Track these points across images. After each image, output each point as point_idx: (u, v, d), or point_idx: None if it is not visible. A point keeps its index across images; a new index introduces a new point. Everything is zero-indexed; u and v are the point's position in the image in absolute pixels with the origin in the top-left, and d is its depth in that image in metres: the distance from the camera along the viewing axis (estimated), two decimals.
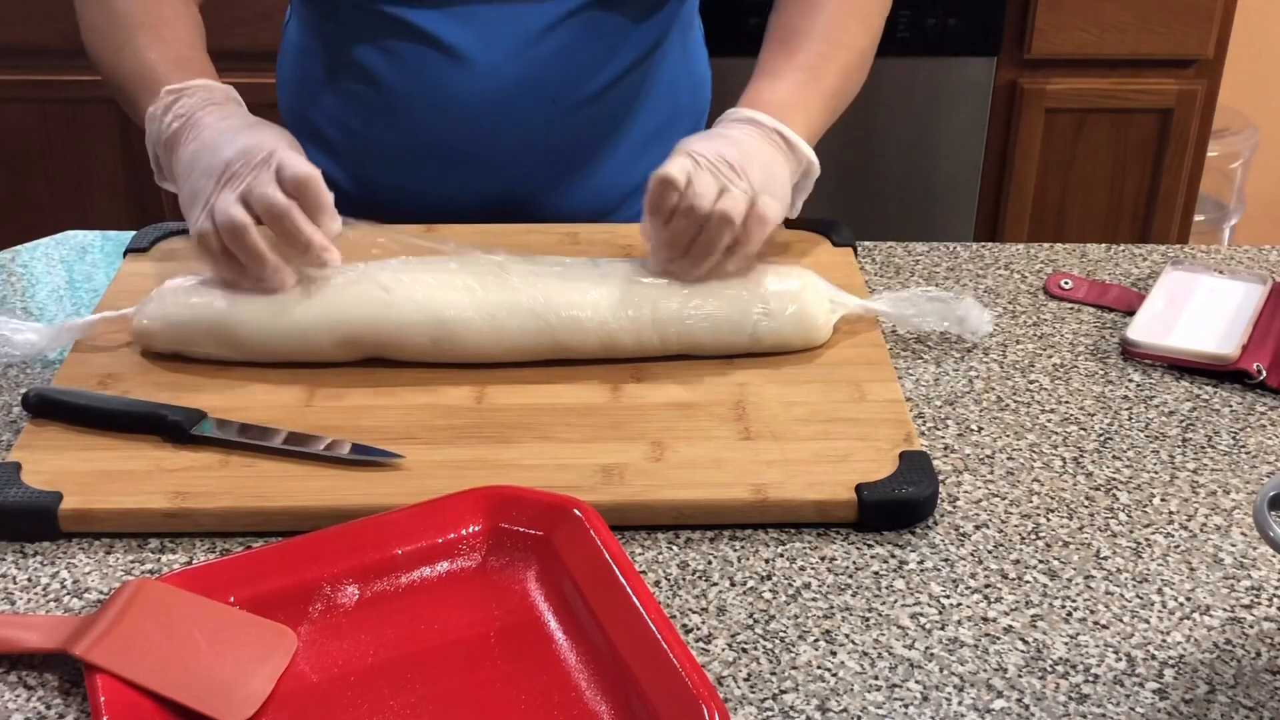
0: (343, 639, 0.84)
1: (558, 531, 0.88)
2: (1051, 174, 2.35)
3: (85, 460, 0.97)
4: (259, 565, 0.87)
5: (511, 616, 0.85)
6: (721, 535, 0.94)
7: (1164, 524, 0.96)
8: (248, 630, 0.83)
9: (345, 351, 1.07)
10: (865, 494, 0.94)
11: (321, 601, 0.86)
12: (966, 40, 2.22)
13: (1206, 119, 2.34)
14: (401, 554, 0.88)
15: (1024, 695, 0.82)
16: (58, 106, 2.27)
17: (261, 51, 2.21)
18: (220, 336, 1.06)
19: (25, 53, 2.22)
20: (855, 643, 0.85)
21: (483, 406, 1.03)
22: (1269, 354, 1.12)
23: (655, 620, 0.80)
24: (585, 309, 1.07)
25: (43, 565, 0.91)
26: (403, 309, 1.06)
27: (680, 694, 0.76)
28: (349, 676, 0.81)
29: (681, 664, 0.77)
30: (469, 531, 0.90)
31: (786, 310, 1.08)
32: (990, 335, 1.15)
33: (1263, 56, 2.86)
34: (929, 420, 1.06)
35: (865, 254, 1.27)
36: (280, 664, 0.81)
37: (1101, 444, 1.03)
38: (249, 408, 1.02)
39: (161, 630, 0.81)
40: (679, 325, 1.07)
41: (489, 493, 0.91)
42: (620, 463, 0.97)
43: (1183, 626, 0.87)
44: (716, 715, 0.74)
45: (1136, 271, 1.26)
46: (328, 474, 0.96)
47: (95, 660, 0.79)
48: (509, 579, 0.88)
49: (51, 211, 2.39)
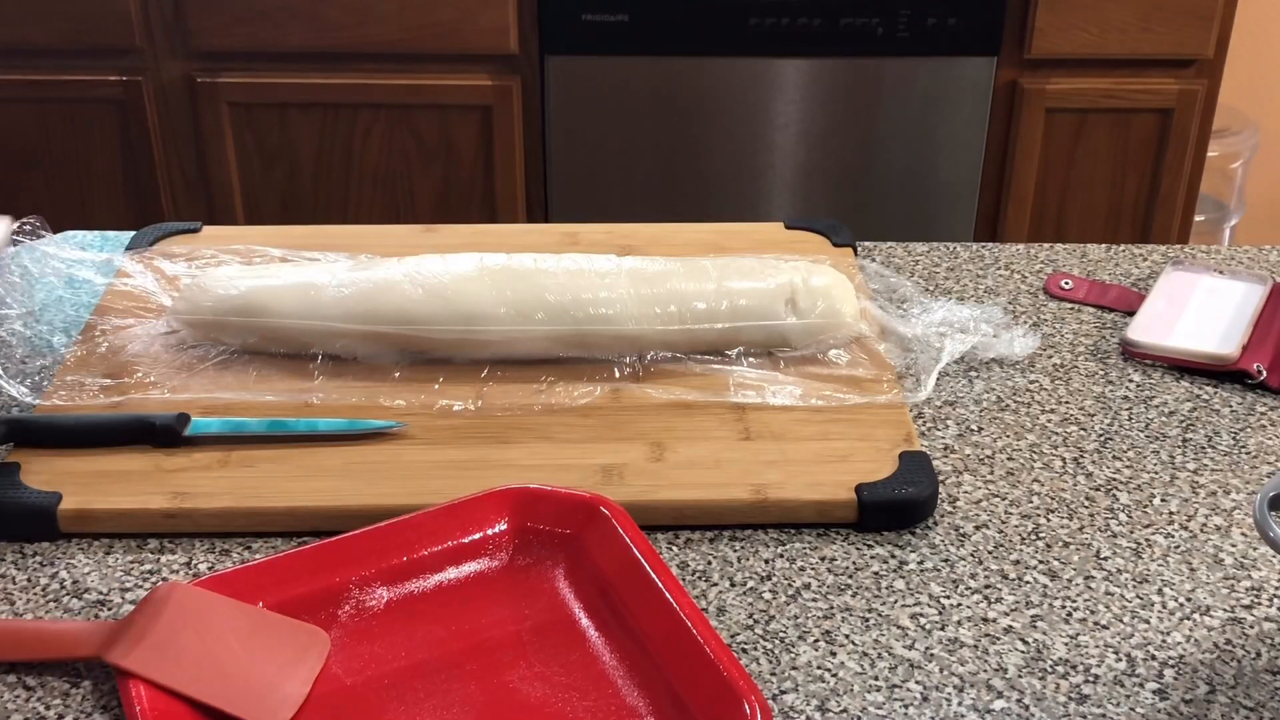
0: (374, 641, 0.84)
1: (586, 529, 0.88)
2: (1051, 174, 2.34)
3: (85, 461, 0.97)
4: (287, 569, 0.86)
5: (542, 615, 0.85)
6: (721, 535, 0.94)
7: (1164, 524, 0.96)
8: (281, 633, 0.83)
9: (372, 344, 1.07)
10: (865, 494, 0.94)
11: (351, 604, 0.86)
12: (966, 40, 2.22)
13: (1207, 119, 2.33)
14: (429, 555, 0.89)
15: (1024, 695, 0.82)
16: (58, 106, 2.26)
17: (261, 51, 2.22)
18: (251, 326, 1.07)
19: (25, 53, 2.22)
20: (855, 643, 0.85)
21: (483, 406, 1.03)
22: (1269, 354, 1.12)
23: (690, 616, 0.80)
24: (613, 306, 1.07)
25: (42, 566, 0.91)
26: (430, 304, 1.06)
27: (720, 689, 0.76)
28: (383, 678, 0.81)
29: (719, 659, 0.77)
30: (495, 531, 0.90)
31: (816, 308, 1.08)
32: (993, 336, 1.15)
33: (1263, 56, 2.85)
34: (929, 420, 1.06)
35: (865, 254, 1.27)
36: (315, 666, 0.81)
37: (1101, 444, 1.03)
38: (248, 408, 1.02)
39: (195, 635, 0.81)
40: (707, 323, 1.07)
41: (514, 493, 0.91)
42: (620, 463, 0.97)
43: (1183, 627, 0.87)
44: (759, 710, 0.74)
45: (1136, 271, 1.26)
46: (328, 474, 0.96)
47: (131, 667, 0.78)
48: (538, 578, 0.88)
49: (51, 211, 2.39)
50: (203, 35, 2.20)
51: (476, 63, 2.22)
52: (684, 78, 2.23)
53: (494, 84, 2.22)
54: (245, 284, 1.09)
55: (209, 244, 1.21)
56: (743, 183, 2.32)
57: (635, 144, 2.29)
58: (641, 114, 2.27)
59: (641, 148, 2.30)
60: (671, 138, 2.29)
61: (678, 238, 1.26)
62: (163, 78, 2.24)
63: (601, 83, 2.24)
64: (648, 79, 2.24)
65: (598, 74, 2.23)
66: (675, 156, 2.30)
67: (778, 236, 1.25)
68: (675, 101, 2.26)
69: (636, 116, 2.27)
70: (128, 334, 1.10)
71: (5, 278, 1.17)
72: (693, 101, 2.25)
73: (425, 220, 2.11)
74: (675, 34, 2.20)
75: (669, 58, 2.22)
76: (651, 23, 2.19)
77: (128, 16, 2.17)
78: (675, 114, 2.27)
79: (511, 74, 2.22)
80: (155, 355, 1.08)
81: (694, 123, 2.27)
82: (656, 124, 2.28)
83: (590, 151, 2.29)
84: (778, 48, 2.20)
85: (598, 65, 2.22)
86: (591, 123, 2.27)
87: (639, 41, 2.20)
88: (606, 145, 2.29)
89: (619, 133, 2.28)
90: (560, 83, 2.23)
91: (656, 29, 2.19)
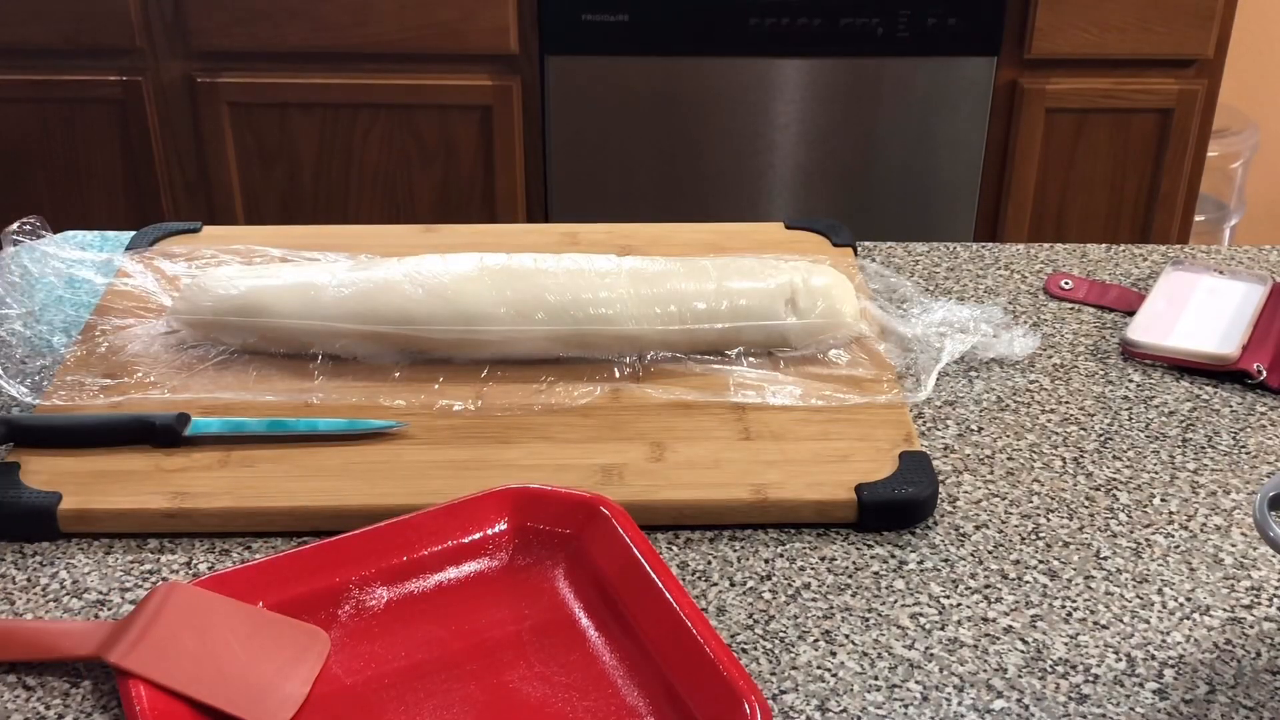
0: (374, 641, 0.84)
1: (586, 529, 0.88)
2: (1051, 174, 2.34)
3: (84, 460, 0.97)
4: (287, 569, 0.86)
5: (542, 615, 0.85)
6: (721, 535, 0.94)
7: (1164, 524, 0.96)
8: (281, 632, 0.83)
9: (372, 344, 1.07)
10: (865, 494, 0.94)
11: (351, 604, 0.86)
12: (966, 40, 2.22)
13: (1207, 119, 2.33)
14: (429, 555, 0.89)
15: (1024, 695, 0.82)
16: (58, 106, 2.26)
17: (261, 51, 2.22)
18: (251, 326, 1.07)
19: (25, 53, 2.22)
20: (855, 643, 0.85)
21: (483, 406, 1.03)
22: (1269, 354, 1.12)
23: (690, 616, 0.80)
24: (613, 306, 1.07)
25: (42, 566, 0.91)
26: (430, 304, 1.06)
27: (720, 689, 0.76)
28: (383, 678, 0.81)
29: (719, 659, 0.77)
30: (495, 531, 0.90)
31: (816, 308, 1.08)
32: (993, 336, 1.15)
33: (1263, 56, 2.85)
34: (929, 420, 1.05)
35: (865, 254, 1.27)
36: (315, 666, 0.81)
37: (1101, 444, 1.03)
38: (248, 408, 1.02)
39: (195, 635, 0.81)
40: (707, 323, 1.07)
41: (514, 493, 0.91)
42: (620, 463, 0.97)
43: (1183, 627, 0.87)
44: (759, 710, 0.74)
45: (1136, 271, 1.26)
46: (328, 474, 0.96)
47: (130, 667, 0.78)
48: (538, 578, 0.88)
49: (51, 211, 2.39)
50: (203, 35, 2.20)
51: (476, 63, 2.22)
52: (684, 78, 2.23)
53: (494, 84, 2.22)
54: (245, 284, 1.10)
55: (209, 244, 1.21)
56: (743, 183, 2.32)
57: (635, 144, 2.29)
58: (641, 114, 2.27)
59: (641, 148, 2.30)
60: (671, 138, 2.29)
61: (678, 238, 1.26)
62: (163, 78, 2.24)
63: (601, 83, 2.24)
64: (648, 79, 2.24)
65: (598, 74, 2.23)
66: (675, 156, 2.30)
67: (778, 236, 1.25)
68: (675, 101, 2.26)
69: (636, 116, 2.27)
70: (128, 334, 1.10)
71: (5, 278, 1.17)
72: (693, 101, 2.25)
73: (425, 220, 2.11)
74: (675, 34, 2.20)
75: (669, 58, 2.22)
76: (651, 23, 2.19)
77: (128, 16, 2.17)
78: (675, 114, 2.27)
79: (511, 74, 2.22)
80: (155, 355, 1.09)
81: (694, 123, 2.27)
82: (656, 124, 2.28)
83: (590, 151, 2.29)
84: (778, 48, 2.20)
85: (598, 65, 2.22)
86: (591, 123, 2.27)
87: (639, 41, 2.20)
88: (606, 145, 2.29)
89: (619, 133, 2.28)
90: (560, 83, 2.23)
91: (656, 29, 2.19)
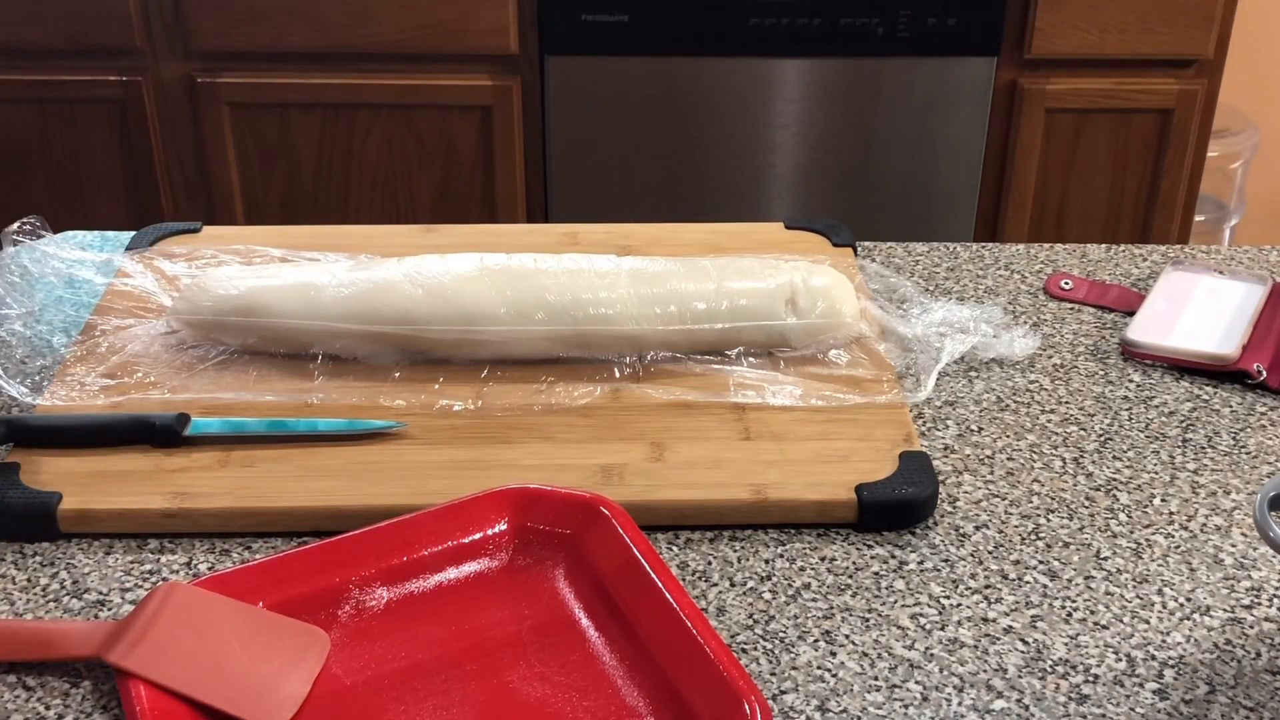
0: (374, 641, 0.84)
1: (586, 529, 0.88)
2: (1051, 174, 2.34)
3: (84, 461, 0.97)
4: (287, 569, 0.86)
5: (542, 615, 0.85)
6: (721, 536, 0.94)
7: (1164, 524, 0.96)
8: (281, 633, 0.83)
9: (372, 344, 1.07)
10: (865, 494, 0.94)
11: (351, 604, 0.86)
12: (966, 40, 2.22)
13: (1206, 119, 2.33)
14: (429, 555, 0.88)
15: (1024, 695, 0.82)
16: (58, 106, 2.26)
17: (261, 52, 2.22)
18: (251, 326, 1.07)
19: (25, 53, 2.22)
20: (855, 643, 0.85)
21: (483, 406, 1.03)
22: (1269, 354, 1.12)
23: (690, 616, 0.80)
24: (613, 306, 1.07)
25: (42, 566, 0.91)
26: (430, 304, 1.06)
27: (720, 689, 0.76)
28: (383, 678, 0.81)
29: (719, 659, 0.77)
30: (495, 531, 0.90)
31: (816, 308, 1.08)
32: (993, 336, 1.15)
33: (1263, 56, 2.85)
34: (929, 420, 1.05)
35: (865, 254, 1.27)
36: (315, 666, 0.81)
37: (1101, 444, 1.03)
38: (248, 408, 1.02)
39: (195, 635, 0.81)
40: (707, 323, 1.07)
41: (514, 493, 0.91)
42: (620, 463, 0.97)
43: (1183, 627, 0.87)
44: (759, 710, 0.74)
45: (1136, 271, 1.26)
46: (328, 474, 0.96)
47: (130, 667, 0.78)
48: (538, 578, 0.88)
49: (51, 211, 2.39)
50: (202, 35, 2.20)
51: (476, 63, 2.22)
52: (684, 78, 2.23)
53: (494, 84, 2.22)
54: (245, 284, 1.10)
55: (209, 244, 1.21)
56: (742, 183, 2.32)
57: (635, 144, 2.29)
58: (641, 114, 2.27)
59: (641, 148, 2.30)
60: (671, 138, 2.29)
61: (677, 238, 1.26)
62: (163, 78, 2.24)
63: (601, 83, 2.24)
64: (648, 79, 2.24)
65: (598, 74, 2.23)
66: (675, 156, 2.30)
67: (778, 236, 1.25)
68: (675, 101, 2.26)
69: (636, 116, 2.27)
70: (128, 334, 1.10)
71: (5, 278, 1.17)
72: (693, 101, 2.25)
73: (425, 220, 2.11)
74: (675, 34, 2.20)
75: (669, 58, 2.22)
76: (651, 23, 2.19)
77: (127, 16, 2.17)
78: (675, 114, 2.27)
79: (511, 74, 2.22)
80: (155, 355, 1.09)
81: (694, 123, 2.27)
82: (656, 124, 2.28)
83: (590, 151, 2.29)
84: (778, 48, 2.20)
85: (597, 65, 2.22)
86: (591, 123, 2.27)
87: (639, 42, 2.20)
88: (606, 145, 2.29)
89: (619, 133, 2.28)
90: (560, 83, 2.23)
91: (656, 29, 2.19)
